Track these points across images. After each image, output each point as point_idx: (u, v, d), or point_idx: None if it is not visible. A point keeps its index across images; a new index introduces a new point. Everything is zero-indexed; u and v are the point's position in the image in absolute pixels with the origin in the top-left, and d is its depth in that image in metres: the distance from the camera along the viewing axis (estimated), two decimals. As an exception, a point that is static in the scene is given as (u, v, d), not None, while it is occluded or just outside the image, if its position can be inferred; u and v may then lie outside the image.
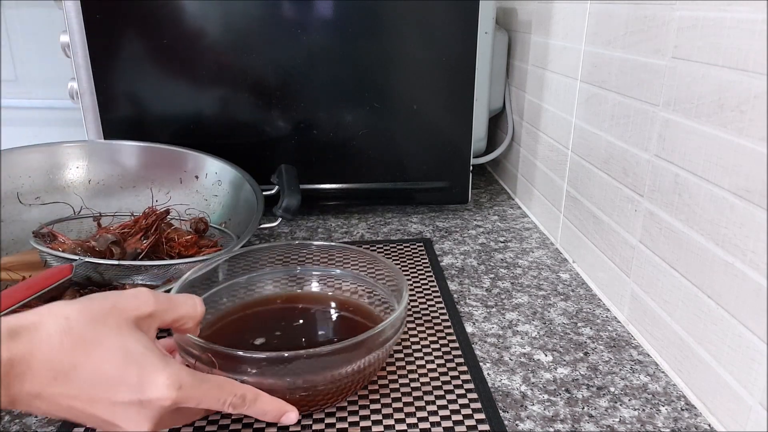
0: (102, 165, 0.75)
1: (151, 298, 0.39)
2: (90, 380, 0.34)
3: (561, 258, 0.73)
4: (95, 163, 0.75)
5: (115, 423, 0.35)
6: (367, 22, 0.77)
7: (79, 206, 0.70)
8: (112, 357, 0.35)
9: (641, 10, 0.54)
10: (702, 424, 0.45)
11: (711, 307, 0.45)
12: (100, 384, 0.35)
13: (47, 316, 0.35)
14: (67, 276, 0.55)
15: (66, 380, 0.34)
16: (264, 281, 0.57)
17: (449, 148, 0.84)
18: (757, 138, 0.40)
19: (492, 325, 0.58)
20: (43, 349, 0.34)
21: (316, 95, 0.79)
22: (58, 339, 0.34)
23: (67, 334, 0.34)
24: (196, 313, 0.42)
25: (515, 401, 0.48)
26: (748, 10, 0.40)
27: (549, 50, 0.78)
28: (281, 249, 0.58)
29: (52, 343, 0.34)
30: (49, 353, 0.34)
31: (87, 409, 0.35)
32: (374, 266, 0.56)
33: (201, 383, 0.37)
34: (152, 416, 0.36)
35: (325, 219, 0.86)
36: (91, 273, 0.57)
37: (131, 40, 0.75)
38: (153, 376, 0.35)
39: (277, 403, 0.41)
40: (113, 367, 0.35)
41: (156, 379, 0.35)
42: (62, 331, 0.34)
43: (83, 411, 0.35)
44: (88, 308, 0.36)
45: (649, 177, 0.54)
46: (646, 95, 0.54)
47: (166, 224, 0.66)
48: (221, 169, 0.75)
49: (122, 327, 0.36)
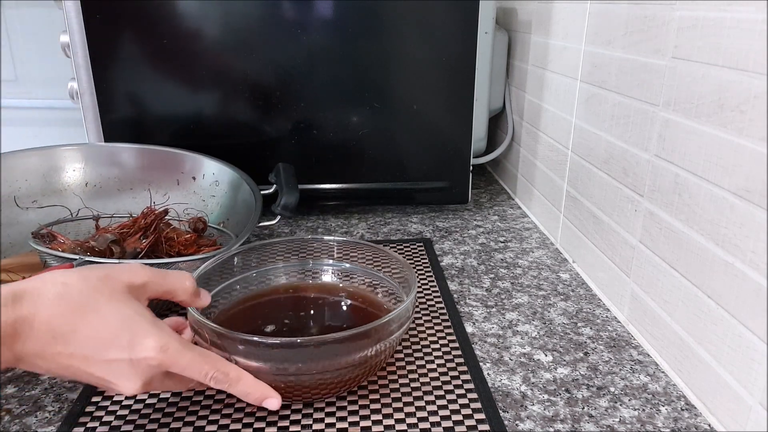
0: (99, 168, 0.75)
1: (144, 270, 0.43)
2: (86, 341, 0.38)
3: (561, 258, 0.73)
4: (92, 165, 0.75)
5: (108, 379, 0.39)
6: (367, 22, 0.77)
7: (77, 209, 0.70)
8: (107, 321, 0.39)
9: (641, 10, 0.54)
10: (702, 424, 0.45)
11: (711, 307, 0.45)
12: (95, 344, 0.38)
13: (48, 283, 0.38)
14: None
15: (65, 341, 0.37)
16: (277, 274, 0.59)
17: (449, 148, 0.84)
18: (757, 138, 0.40)
19: (492, 325, 0.58)
20: (44, 312, 0.37)
21: (316, 95, 0.79)
22: (57, 303, 0.38)
23: (65, 299, 0.38)
24: (185, 286, 0.45)
25: (515, 401, 0.48)
26: (748, 10, 0.40)
27: (549, 50, 0.78)
28: (295, 243, 0.60)
29: (52, 307, 0.37)
30: (49, 316, 0.37)
31: (83, 367, 0.38)
32: (383, 260, 0.57)
33: (186, 350, 0.40)
34: (142, 375, 0.39)
35: (325, 219, 0.86)
36: None
37: (131, 40, 0.75)
38: (142, 339, 0.39)
39: (260, 386, 0.43)
40: (107, 329, 0.39)
41: (145, 341, 0.39)
42: (61, 296, 0.38)
43: (80, 368, 0.38)
44: (85, 276, 0.40)
45: (649, 177, 0.54)
46: (646, 95, 0.54)
47: (164, 224, 0.66)
48: (219, 170, 0.75)
49: (116, 293, 0.40)
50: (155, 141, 0.78)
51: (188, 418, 0.45)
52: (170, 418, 0.46)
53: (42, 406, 0.47)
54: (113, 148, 0.76)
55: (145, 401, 0.47)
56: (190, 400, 0.48)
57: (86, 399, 0.48)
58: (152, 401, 0.47)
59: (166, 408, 0.47)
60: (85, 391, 0.49)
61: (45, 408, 0.47)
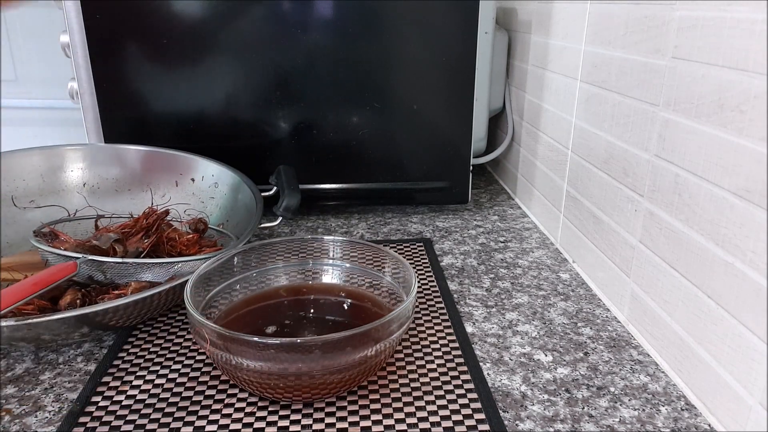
0: (97, 168, 0.75)
1: None
2: None
3: (561, 258, 0.73)
4: (90, 166, 0.75)
5: None
6: (367, 22, 0.77)
7: (74, 209, 0.70)
8: None
9: (641, 10, 0.54)
10: (702, 424, 0.45)
11: (711, 307, 0.45)
12: None
13: None
14: (73, 273, 0.55)
15: None
16: (277, 274, 0.59)
17: (449, 148, 0.84)
18: (757, 138, 0.40)
19: (492, 325, 0.58)
20: None
21: (316, 95, 0.79)
22: None
23: None
24: None
25: (515, 401, 0.48)
26: (748, 10, 0.40)
27: (549, 50, 0.78)
28: (295, 243, 0.60)
29: None
30: None
31: None
32: (383, 260, 0.57)
33: None
34: None
35: (325, 219, 0.86)
36: (93, 272, 0.57)
37: (131, 40, 0.75)
38: None
39: None
40: None
41: None
42: None
43: None
44: None
45: (649, 177, 0.54)
46: (646, 95, 0.54)
47: (165, 224, 0.66)
48: (218, 172, 0.75)
49: None
50: (156, 141, 0.78)
51: (188, 418, 0.45)
52: (170, 418, 0.46)
53: (42, 406, 0.47)
54: (111, 149, 0.76)
55: (145, 401, 0.47)
56: (190, 400, 0.48)
57: (86, 399, 0.48)
58: (152, 401, 0.47)
59: (166, 408, 0.47)
60: (85, 391, 0.49)
61: (45, 408, 0.47)
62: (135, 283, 0.57)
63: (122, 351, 0.54)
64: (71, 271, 0.55)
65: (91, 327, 0.53)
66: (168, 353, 0.54)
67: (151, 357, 0.53)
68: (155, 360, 0.53)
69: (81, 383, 0.50)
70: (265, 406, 0.47)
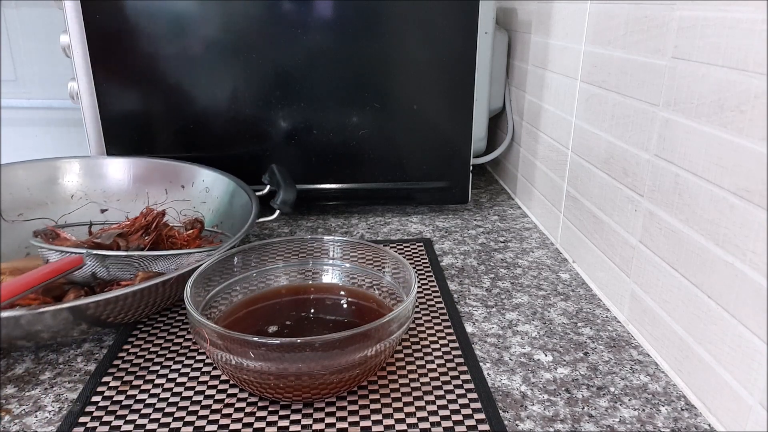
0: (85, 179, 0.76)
1: None
2: None
3: (561, 258, 0.73)
4: (78, 178, 0.75)
5: None
6: (367, 22, 0.77)
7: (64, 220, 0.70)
8: None
9: (641, 10, 0.54)
10: (702, 424, 0.45)
11: (711, 307, 0.45)
12: None
13: None
14: (79, 265, 0.55)
15: None
16: (277, 274, 0.59)
17: (449, 148, 0.84)
18: (757, 138, 0.40)
19: (492, 325, 0.58)
20: None
21: (316, 95, 0.79)
22: None
23: None
24: None
25: (515, 401, 0.48)
26: (748, 10, 0.40)
27: (549, 50, 0.78)
28: (295, 243, 0.60)
29: None
30: None
31: None
32: (383, 260, 0.57)
33: None
34: None
35: (325, 219, 0.86)
36: (97, 268, 0.57)
37: (131, 41, 0.75)
38: None
39: None
40: None
41: None
42: None
43: None
44: None
45: (649, 177, 0.54)
46: (646, 95, 0.54)
47: (163, 224, 0.66)
48: (209, 177, 0.75)
49: None
50: (156, 140, 0.78)
51: (188, 418, 0.45)
52: (170, 418, 0.46)
53: (42, 406, 0.47)
54: (99, 161, 0.77)
55: (145, 401, 0.47)
56: (190, 400, 0.48)
57: (86, 399, 0.48)
58: (152, 401, 0.47)
59: (166, 408, 0.47)
60: (85, 391, 0.49)
61: (45, 408, 0.47)
62: (143, 273, 0.57)
63: (122, 351, 0.54)
64: (78, 263, 0.55)
65: (96, 322, 0.52)
66: (168, 353, 0.54)
67: (151, 357, 0.53)
68: (155, 360, 0.53)
69: (81, 383, 0.50)
70: (265, 406, 0.47)
